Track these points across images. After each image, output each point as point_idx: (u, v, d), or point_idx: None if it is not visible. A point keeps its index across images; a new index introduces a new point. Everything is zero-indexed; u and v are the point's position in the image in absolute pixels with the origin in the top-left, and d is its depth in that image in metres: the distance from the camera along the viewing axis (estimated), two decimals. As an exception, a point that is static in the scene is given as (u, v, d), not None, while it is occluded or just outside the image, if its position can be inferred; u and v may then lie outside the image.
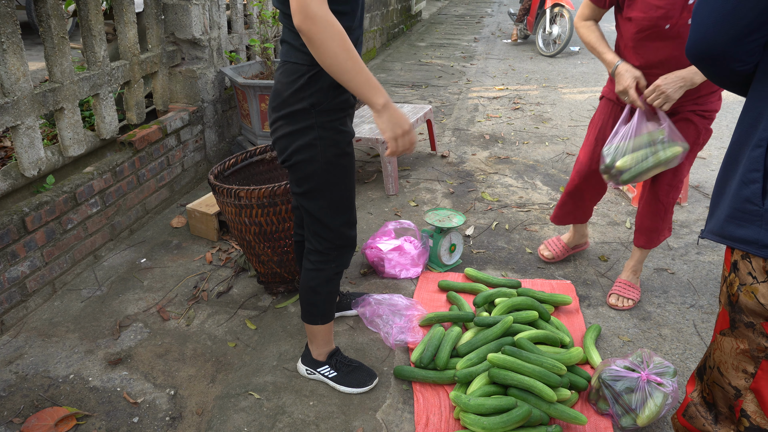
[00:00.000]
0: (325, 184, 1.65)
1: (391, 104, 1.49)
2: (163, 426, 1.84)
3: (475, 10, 12.42)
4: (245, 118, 3.57)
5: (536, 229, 3.11)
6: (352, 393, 1.97)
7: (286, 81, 1.57)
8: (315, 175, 1.63)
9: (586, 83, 6.23)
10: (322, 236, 1.75)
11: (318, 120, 1.57)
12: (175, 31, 3.37)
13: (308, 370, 2.03)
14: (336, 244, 1.77)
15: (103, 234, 2.76)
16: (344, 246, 1.79)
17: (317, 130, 1.58)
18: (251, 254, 2.39)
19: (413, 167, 3.93)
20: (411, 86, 6.05)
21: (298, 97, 1.55)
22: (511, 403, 1.76)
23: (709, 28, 1.07)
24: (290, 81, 1.56)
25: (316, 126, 1.58)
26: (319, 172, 1.63)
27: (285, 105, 1.58)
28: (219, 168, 2.47)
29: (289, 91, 1.56)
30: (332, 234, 1.75)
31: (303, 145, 1.60)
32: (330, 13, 1.35)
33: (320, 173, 1.63)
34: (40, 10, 2.39)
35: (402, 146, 1.53)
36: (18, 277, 2.28)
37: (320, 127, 1.58)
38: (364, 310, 2.31)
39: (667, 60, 2.04)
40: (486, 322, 2.16)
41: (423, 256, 2.65)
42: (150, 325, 2.32)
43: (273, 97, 1.63)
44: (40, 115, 2.63)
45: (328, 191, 1.67)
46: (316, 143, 1.59)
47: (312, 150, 1.60)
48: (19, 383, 2.00)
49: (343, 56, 1.37)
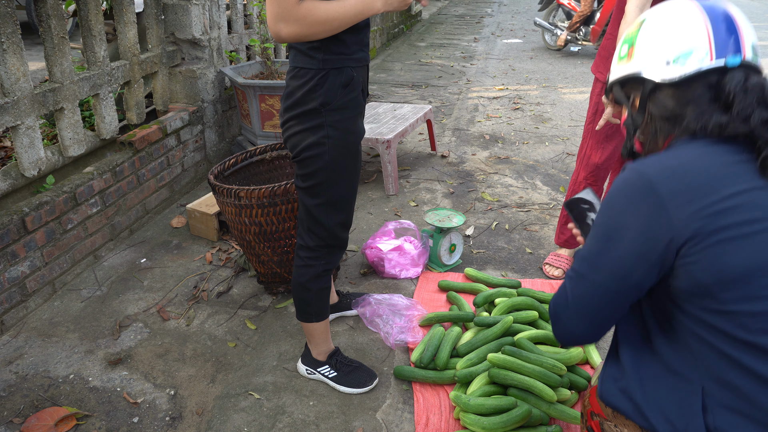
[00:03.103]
0: (328, 182, 1.68)
1: None
2: (163, 426, 1.84)
3: (475, 10, 12.42)
4: (245, 118, 3.56)
5: (536, 229, 3.11)
6: (352, 393, 1.97)
7: (297, 84, 1.61)
8: (321, 172, 1.66)
9: (586, 83, 6.23)
10: (315, 233, 1.77)
11: (328, 119, 1.60)
12: (175, 31, 3.37)
13: (308, 369, 2.03)
14: (327, 243, 1.79)
15: (103, 234, 2.76)
16: (335, 246, 1.81)
17: (327, 129, 1.61)
18: (251, 254, 2.39)
19: (413, 167, 3.93)
20: (411, 86, 6.05)
21: (309, 98, 1.59)
22: (511, 403, 1.76)
23: (573, 328, 1.17)
24: (301, 84, 1.60)
25: (326, 125, 1.61)
26: (325, 170, 1.66)
27: (297, 105, 1.62)
28: (219, 168, 2.47)
29: (301, 92, 1.59)
30: (326, 233, 1.76)
31: (313, 142, 1.63)
32: (295, 23, 1.44)
33: (326, 171, 1.66)
34: (40, 10, 2.39)
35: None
36: (18, 277, 2.28)
37: (330, 126, 1.61)
38: (364, 310, 2.31)
39: None
40: (486, 322, 2.16)
41: (423, 256, 2.65)
42: (150, 325, 2.32)
43: (285, 98, 1.66)
44: (40, 115, 2.63)
45: (330, 189, 1.69)
46: (325, 141, 1.62)
47: (320, 147, 1.63)
48: (19, 383, 2.00)
49: (334, 24, 1.48)
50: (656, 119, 1.13)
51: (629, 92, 1.21)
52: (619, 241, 1.06)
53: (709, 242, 0.97)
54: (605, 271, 1.09)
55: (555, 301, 1.20)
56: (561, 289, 1.19)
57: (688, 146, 1.06)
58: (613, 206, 1.08)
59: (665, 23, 1.12)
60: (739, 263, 0.96)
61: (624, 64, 1.20)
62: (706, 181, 0.99)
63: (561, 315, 1.17)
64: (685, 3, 1.12)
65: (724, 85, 1.05)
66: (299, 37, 1.47)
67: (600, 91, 2.36)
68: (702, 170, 1.00)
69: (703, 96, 1.07)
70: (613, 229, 1.07)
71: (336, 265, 1.89)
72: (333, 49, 1.55)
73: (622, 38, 1.23)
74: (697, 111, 1.06)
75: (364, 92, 1.72)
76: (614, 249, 1.07)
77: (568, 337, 1.19)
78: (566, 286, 1.17)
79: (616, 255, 1.07)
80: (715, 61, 1.05)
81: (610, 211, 1.08)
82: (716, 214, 0.97)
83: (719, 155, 1.02)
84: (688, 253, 0.99)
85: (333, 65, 1.56)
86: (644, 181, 1.03)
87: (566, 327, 1.17)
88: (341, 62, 1.57)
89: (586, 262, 1.12)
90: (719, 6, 1.10)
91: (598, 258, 1.10)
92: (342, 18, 1.48)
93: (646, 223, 1.02)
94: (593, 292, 1.11)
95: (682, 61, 1.08)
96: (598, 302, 1.11)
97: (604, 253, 1.09)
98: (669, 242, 1.01)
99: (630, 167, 1.08)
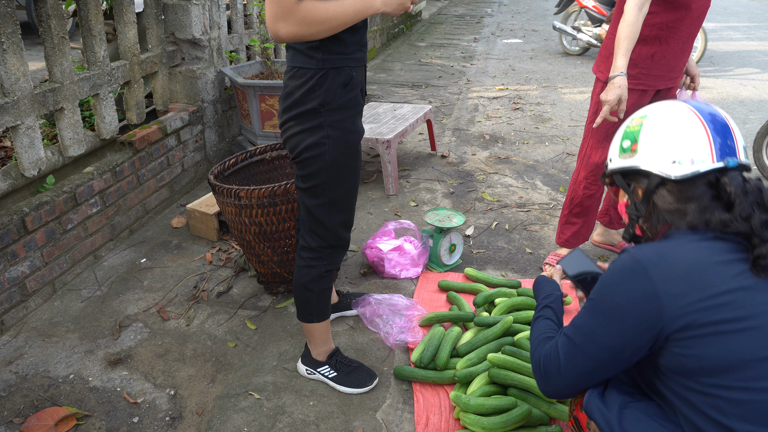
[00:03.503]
0: (329, 182, 1.67)
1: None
2: (163, 426, 1.84)
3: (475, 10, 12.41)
4: (245, 118, 3.57)
5: (536, 229, 3.11)
6: (352, 393, 1.97)
7: (296, 84, 1.60)
8: (321, 172, 1.66)
9: (586, 83, 6.23)
10: (317, 234, 1.77)
11: (327, 119, 1.60)
12: (175, 31, 3.37)
13: (308, 370, 2.03)
14: (329, 244, 1.78)
15: (103, 234, 2.76)
16: (337, 246, 1.81)
17: (326, 129, 1.61)
18: (251, 254, 2.39)
19: (413, 167, 3.93)
20: (411, 86, 6.05)
21: (309, 98, 1.59)
22: (511, 403, 1.76)
23: (561, 388, 1.27)
24: (300, 84, 1.59)
25: (325, 125, 1.61)
26: (326, 170, 1.65)
27: (296, 105, 1.61)
28: (219, 168, 2.47)
29: (300, 92, 1.59)
30: (327, 233, 1.76)
31: (312, 143, 1.62)
32: (294, 23, 1.44)
33: (326, 171, 1.65)
34: (40, 10, 2.39)
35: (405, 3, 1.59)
36: (18, 277, 2.28)
37: (329, 126, 1.61)
38: (364, 310, 2.31)
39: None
40: (486, 322, 2.16)
41: (423, 256, 2.65)
42: (150, 325, 2.32)
43: (283, 99, 1.66)
44: (40, 115, 2.63)
45: (330, 190, 1.69)
46: (325, 141, 1.62)
47: (320, 148, 1.63)
48: (19, 383, 2.00)
49: (333, 24, 1.48)
50: (660, 211, 1.24)
51: (630, 182, 1.32)
52: (613, 320, 1.15)
53: (698, 333, 1.06)
54: (598, 345, 1.18)
55: (545, 361, 1.28)
56: (552, 349, 1.27)
57: (686, 238, 1.15)
58: (610, 286, 1.17)
59: (668, 125, 1.24)
60: (724, 356, 1.05)
61: (628, 158, 1.30)
62: (701, 276, 1.08)
63: (552, 376, 1.27)
64: (682, 107, 1.25)
65: (724, 185, 1.16)
66: (298, 37, 1.47)
67: (600, 90, 2.36)
68: (697, 264, 1.09)
69: (705, 194, 1.18)
70: (608, 308, 1.16)
71: (338, 265, 1.88)
72: (332, 48, 1.55)
73: (623, 131, 1.34)
74: (700, 207, 1.17)
75: (362, 92, 1.72)
76: (608, 326, 1.16)
77: (556, 395, 1.30)
78: (558, 349, 1.26)
79: (610, 332, 1.16)
80: (717, 162, 1.17)
81: (607, 290, 1.18)
82: (708, 309, 1.06)
83: (715, 252, 1.11)
84: (677, 338, 1.08)
85: (332, 65, 1.56)
86: (641, 269, 1.12)
87: (555, 386, 1.28)
88: (340, 62, 1.57)
89: (580, 333, 1.22)
90: (713, 111, 1.23)
91: (592, 332, 1.19)
92: (341, 18, 1.48)
93: (639, 308, 1.11)
94: (585, 362, 1.21)
95: (687, 161, 1.19)
96: (589, 370, 1.22)
97: (598, 328, 1.18)
98: (660, 329, 1.10)
99: (629, 252, 1.16)
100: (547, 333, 1.39)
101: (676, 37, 2.22)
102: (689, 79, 2.48)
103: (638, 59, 2.26)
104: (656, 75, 2.30)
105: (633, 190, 1.31)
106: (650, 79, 2.30)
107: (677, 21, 2.18)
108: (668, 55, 2.26)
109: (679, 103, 1.26)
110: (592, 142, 2.46)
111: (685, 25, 2.20)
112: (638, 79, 2.28)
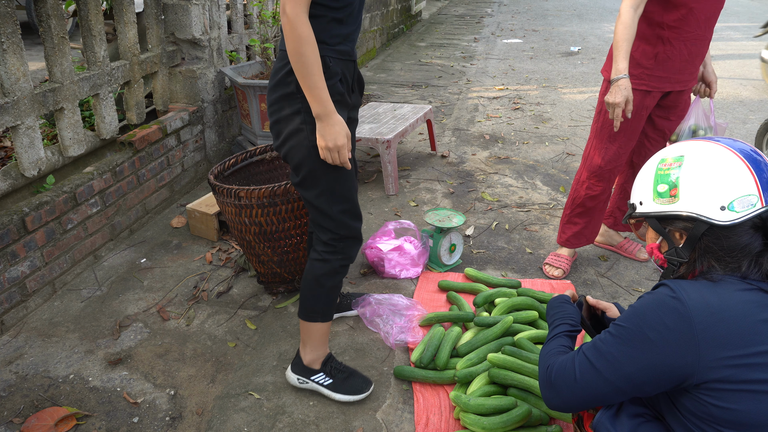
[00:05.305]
0: (316, 170, 1.67)
1: (332, 116, 1.55)
2: (163, 426, 1.84)
3: (475, 10, 12.41)
4: (245, 118, 3.56)
5: (536, 229, 3.11)
6: (349, 401, 1.93)
7: (279, 65, 1.65)
8: (306, 161, 1.66)
9: (586, 83, 6.23)
10: (323, 226, 1.75)
11: (304, 105, 1.61)
12: (175, 31, 3.37)
13: (300, 379, 1.95)
14: (340, 234, 1.76)
15: (103, 234, 2.76)
16: (348, 237, 1.78)
17: (303, 115, 1.62)
18: (251, 254, 2.39)
19: (413, 167, 3.93)
20: (411, 86, 6.05)
21: (287, 80, 1.62)
22: (511, 403, 1.76)
23: (570, 402, 1.24)
24: (282, 65, 1.64)
25: (302, 110, 1.62)
26: (309, 158, 1.66)
27: (278, 86, 1.65)
28: (219, 168, 2.47)
29: (282, 73, 1.63)
30: (333, 223, 1.74)
31: (292, 130, 1.64)
32: (299, 17, 1.47)
33: (310, 159, 1.66)
34: (40, 10, 2.39)
35: (332, 159, 1.60)
36: (18, 277, 2.28)
37: (306, 112, 1.62)
38: (364, 310, 2.31)
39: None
40: (486, 322, 2.16)
41: (423, 256, 2.65)
42: (150, 325, 2.32)
43: (270, 79, 1.69)
44: (40, 115, 2.63)
45: (320, 178, 1.68)
46: (303, 128, 1.63)
47: (299, 135, 1.64)
48: (19, 383, 2.00)
49: (295, 58, 1.51)
50: (706, 256, 1.19)
51: (667, 226, 1.26)
52: (643, 354, 1.12)
53: (734, 388, 1.05)
54: (620, 374, 1.15)
55: (559, 372, 1.24)
56: (568, 363, 1.23)
57: (733, 286, 1.12)
58: (646, 320, 1.13)
59: (711, 168, 1.18)
60: (754, 414, 1.05)
61: (667, 203, 1.24)
62: (742, 331, 1.06)
63: (562, 390, 1.24)
64: (719, 148, 1.19)
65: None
66: (289, 23, 1.48)
67: (606, 91, 2.36)
68: (740, 318, 1.07)
69: (754, 238, 1.14)
70: (640, 340, 1.12)
71: (352, 260, 1.83)
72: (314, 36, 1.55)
73: (653, 174, 1.28)
74: (753, 255, 1.13)
75: (351, 87, 1.72)
76: (635, 359, 1.13)
77: (560, 408, 1.26)
78: (575, 366, 1.22)
79: (635, 364, 1.13)
80: (766, 205, 1.13)
81: (641, 322, 1.13)
82: (747, 366, 1.05)
83: (758, 306, 1.08)
84: (710, 387, 1.07)
85: None
86: (684, 311, 1.09)
87: (564, 401, 1.24)
88: (320, 50, 1.57)
89: (603, 359, 1.17)
90: (745, 147, 1.18)
91: (617, 360, 1.16)
92: (306, 63, 1.50)
93: (675, 350, 1.08)
94: (602, 386, 1.18)
95: (737, 206, 1.14)
96: (604, 394, 1.18)
97: (623, 358, 1.14)
98: (691, 374, 1.07)
99: (672, 290, 1.12)
100: (562, 348, 1.36)
101: (681, 38, 2.20)
102: (704, 87, 2.45)
103: (641, 58, 2.25)
104: (660, 76, 2.27)
105: (669, 233, 1.26)
106: (654, 80, 2.28)
107: (679, 21, 2.17)
108: (673, 57, 2.23)
109: (714, 144, 1.21)
110: (596, 142, 2.46)
111: (689, 26, 2.18)
112: (641, 79, 2.27)
